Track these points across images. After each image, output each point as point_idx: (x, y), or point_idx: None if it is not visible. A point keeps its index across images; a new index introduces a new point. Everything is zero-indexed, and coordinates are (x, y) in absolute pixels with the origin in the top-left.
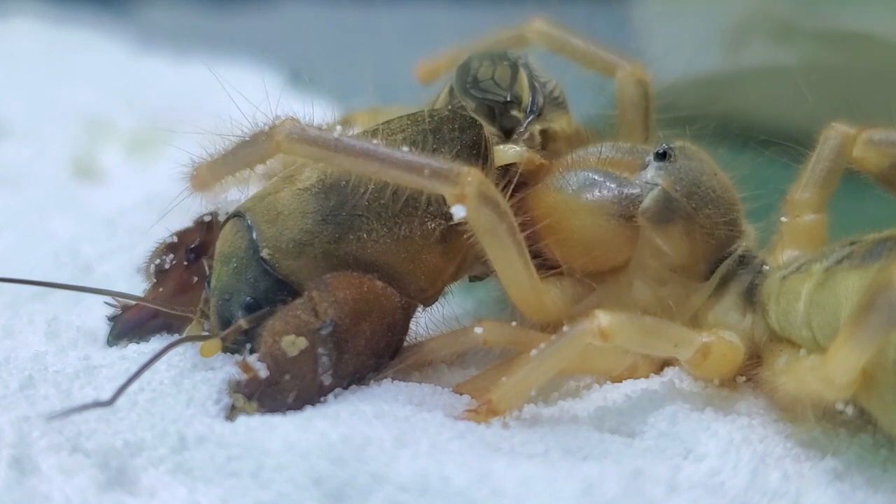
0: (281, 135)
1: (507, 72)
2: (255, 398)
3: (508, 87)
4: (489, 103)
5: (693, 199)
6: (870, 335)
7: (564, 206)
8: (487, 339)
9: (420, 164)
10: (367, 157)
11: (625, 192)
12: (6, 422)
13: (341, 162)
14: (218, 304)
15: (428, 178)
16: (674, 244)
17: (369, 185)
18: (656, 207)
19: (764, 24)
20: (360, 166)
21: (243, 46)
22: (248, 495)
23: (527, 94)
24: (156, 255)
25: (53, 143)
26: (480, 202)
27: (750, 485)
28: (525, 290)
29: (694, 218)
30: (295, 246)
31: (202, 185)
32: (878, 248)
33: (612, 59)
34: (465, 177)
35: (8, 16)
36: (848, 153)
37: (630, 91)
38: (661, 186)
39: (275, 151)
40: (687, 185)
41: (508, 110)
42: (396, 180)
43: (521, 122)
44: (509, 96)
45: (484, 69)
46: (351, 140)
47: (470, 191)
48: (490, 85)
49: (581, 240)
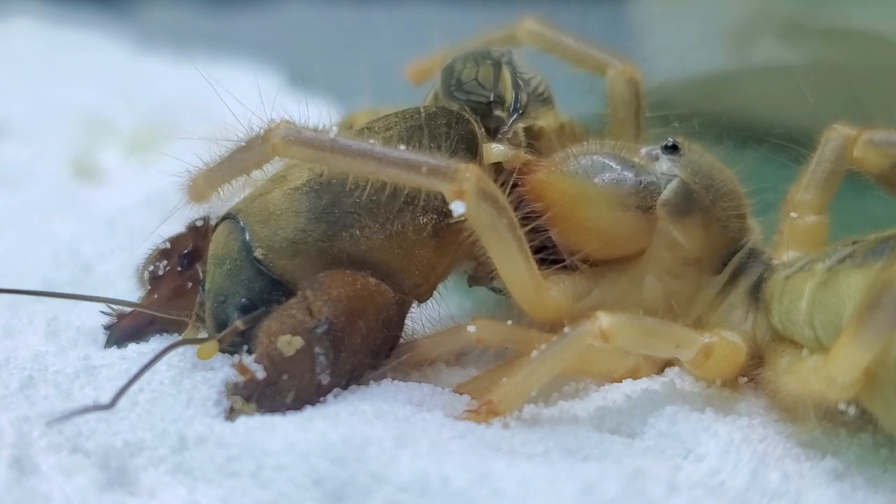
0: (277, 138)
1: (490, 71)
2: (254, 399)
3: (492, 87)
4: (472, 104)
5: (711, 191)
6: (873, 334)
7: (579, 193)
8: (481, 337)
9: (418, 162)
10: (364, 156)
11: (643, 182)
12: (6, 422)
13: (338, 163)
14: (213, 307)
15: (426, 176)
16: (691, 236)
17: (367, 184)
18: (676, 199)
19: (766, 23)
20: (358, 166)
21: (243, 46)
22: (248, 495)
23: (510, 93)
24: (149, 261)
25: (53, 143)
26: (480, 198)
27: (750, 485)
28: (526, 287)
29: (711, 210)
30: (288, 245)
31: (199, 195)
32: (880, 246)
33: (602, 58)
34: (463, 173)
35: (8, 16)
36: (849, 154)
37: (621, 89)
38: (680, 178)
39: (271, 155)
40: (704, 178)
41: (492, 110)
42: (394, 179)
43: (505, 121)
44: (493, 96)
45: (468, 70)
46: (347, 140)
47: (469, 187)
48: (473, 86)
49: (595, 228)
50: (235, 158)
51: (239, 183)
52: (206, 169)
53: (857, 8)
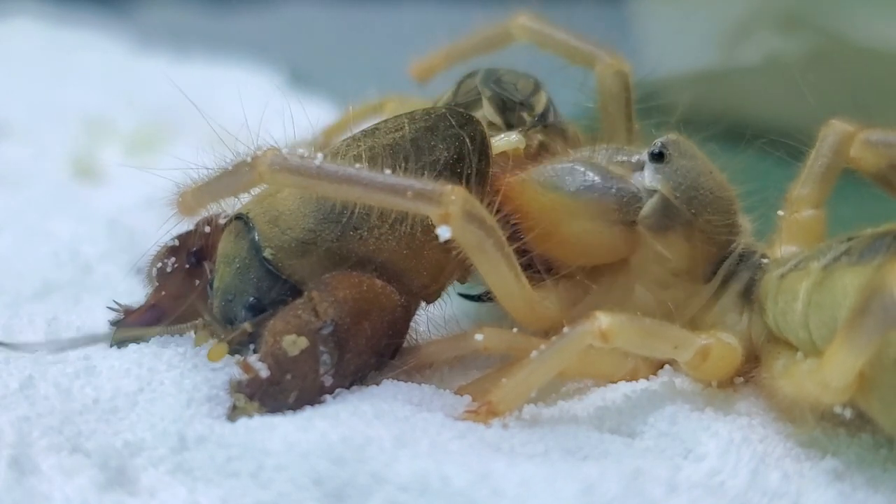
0: (263, 166)
1: (529, 85)
2: (257, 398)
3: (526, 96)
4: (504, 97)
5: (693, 205)
6: (865, 339)
7: (562, 208)
8: (488, 345)
9: (403, 187)
10: (350, 182)
11: (624, 197)
12: (6, 422)
13: (325, 189)
14: (221, 305)
15: (412, 200)
16: (675, 250)
17: (355, 208)
18: (656, 216)
19: (763, 21)
20: (344, 192)
21: (243, 46)
22: (248, 495)
23: (541, 107)
24: (157, 258)
25: (53, 143)
26: (465, 220)
27: (750, 485)
28: (517, 302)
29: (694, 223)
30: (297, 245)
31: (188, 210)
32: (876, 243)
33: (591, 51)
34: (448, 196)
35: (8, 16)
36: (846, 151)
37: (609, 83)
38: (660, 193)
39: (258, 182)
40: (686, 190)
41: (519, 110)
42: (381, 204)
43: (528, 123)
44: (524, 100)
45: (510, 75)
46: (333, 167)
47: (454, 210)
48: (510, 87)
49: (579, 243)
50: (223, 181)
51: (228, 203)
52: (195, 186)
53: (855, 8)
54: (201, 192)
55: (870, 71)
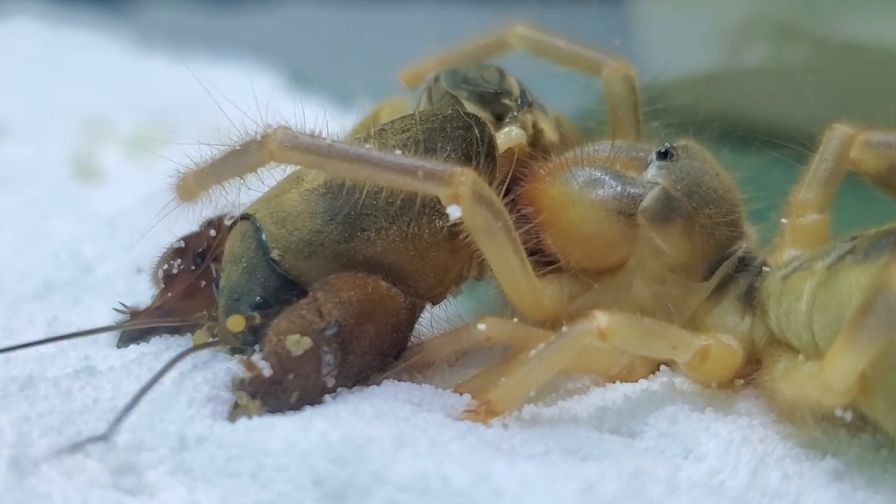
0: (274, 143)
1: (495, 74)
2: (259, 397)
3: (497, 84)
4: (480, 91)
5: (694, 199)
6: (867, 340)
7: (566, 199)
8: (491, 335)
9: (414, 167)
10: (361, 161)
11: (626, 189)
12: (6, 422)
13: (335, 168)
14: (227, 304)
15: (422, 180)
16: (673, 244)
17: (364, 188)
18: (656, 206)
19: (764, 24)
20: (355, 171)
21: (243, 46)
22: (248, 495)
23: (517, 88)
24: (163, 260)
25: (53, 143)
26: (475, 202)
27: (750, 485)
28: (521, 288)
29: (694, 218)
30: (304, 246)
31: (188, 194)
32: (881, 241)
33: (596, 57)
34: (458, 177)
35: (8, 16)
36: (848, 154)
37: (617, 87)
38: (661, 185)
39: (267, 160)
40: (688, 185)
41: (499, 99)
42: (391, 184)
43: (513, 109)
44: (499, 88)
45: (473, 70)
46: (344, 146)
47: (464, 191)
48: (479, 80)
49: (579, 234)
50: (230, 161)
51: (231, 185)
52: (196, 169)
53: (855, 12)
54: (205, 173)
55: (872, 73)
